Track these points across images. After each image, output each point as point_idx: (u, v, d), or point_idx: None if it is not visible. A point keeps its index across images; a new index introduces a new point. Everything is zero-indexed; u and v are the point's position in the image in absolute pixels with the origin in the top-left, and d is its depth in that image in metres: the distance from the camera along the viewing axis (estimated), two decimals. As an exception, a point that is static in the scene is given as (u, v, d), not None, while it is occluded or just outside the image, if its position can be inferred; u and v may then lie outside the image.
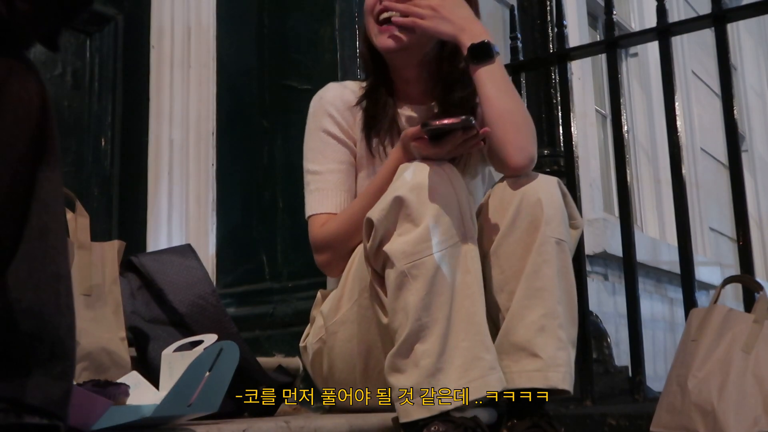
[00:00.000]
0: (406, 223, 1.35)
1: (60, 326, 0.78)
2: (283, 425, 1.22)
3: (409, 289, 1.33)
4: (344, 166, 1.62)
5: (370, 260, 1.40)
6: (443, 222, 1.34)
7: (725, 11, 1.95)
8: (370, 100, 1.64)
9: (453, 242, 1.35)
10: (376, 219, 1.36)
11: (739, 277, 1.77)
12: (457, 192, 1.37)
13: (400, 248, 1.34)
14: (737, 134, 1.92)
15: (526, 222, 1.42)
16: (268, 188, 2.20)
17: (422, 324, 1.32)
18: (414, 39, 1.57)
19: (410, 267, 1.33)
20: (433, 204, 1.34)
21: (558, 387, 1.38)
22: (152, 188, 2.41)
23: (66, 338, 0.79)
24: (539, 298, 1.40)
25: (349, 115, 1.65)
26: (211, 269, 2.28)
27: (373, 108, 1.63)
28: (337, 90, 1.68)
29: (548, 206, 1.42)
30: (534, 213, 1.42)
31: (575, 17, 3.36)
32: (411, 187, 1.35)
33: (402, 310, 1.33)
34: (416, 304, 1.32)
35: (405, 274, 1.33)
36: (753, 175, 5.46)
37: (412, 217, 1.34)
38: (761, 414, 1.43)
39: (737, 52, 5.59)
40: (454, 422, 1.29)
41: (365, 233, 1.39)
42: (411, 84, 1.66)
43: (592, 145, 3.48)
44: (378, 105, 1.63)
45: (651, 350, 3.28)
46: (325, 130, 1.63)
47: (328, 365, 1.58)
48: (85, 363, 1.38)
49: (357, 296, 1.50)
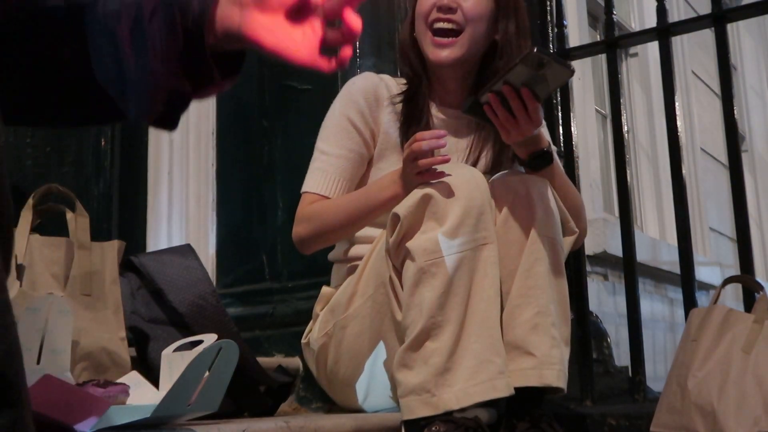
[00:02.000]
0: (430, 221, 1.36)
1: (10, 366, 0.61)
2: (283, 425, 1.22)
3: (426, 285, 1.33)
4: (353, 155, 1.62)
5: (391, 254, 1.41)
6: (467, 224, 1.35)
7: (725, 11, 1.95)
8: (409, 102, 1.64)
9: (474, 245, 1.36)
10: (402, 214, 1.37)
11: (739, 277, 1.77)
12: (483, 196, 1.38)
13: (422, 245, 1.35)
14: (737, 134, 1.92)
15: (519, 222, 1.43)
16: (268, 188, 2.19)
17: (435, 322, 1.32)
18: (468, 53, 1.58)
19: (430, 264, 1.33)
20: (459, 205, 1.35)
21: (553, 384, 1.38)
22: (152, 188, 2.41)
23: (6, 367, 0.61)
24: (532, 297, 1.41)
25: (376, 108, 1.64)
26: (211, 269, 2.28)
27: (410, 110, 1.63)
28: (372, 81, 1.67)
29: (540, 206, 1.43)
30: (526, 213, 1.43)
31: (575, 17, 3.36)
32: (440, 187, 1.36)
33: (417, 306, 1.34)
34: (432, 302, 1.32)
35: (424, 271, 1.34)
36: (753, 175, 5.46)
37: (438, 215, 1.35)
38: (761, 414, 1.43)
39: (737, 52, 5.59)
40: (455, 422, 1.29)
41: (389, 227, 1.40)
42: (450, 89, 1.66)
43: (592, 145, 3.48)
44: (416, 108, 1.63)
45: (651, 350, 3.28)
46: (347, 116, 1.63)
47: (333, 360, 1.59)
48: (85, 363, 1.38)
49: (372, 291, 1.51)
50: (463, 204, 1.35)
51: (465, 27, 1.57)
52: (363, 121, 1.63)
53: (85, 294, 1.43)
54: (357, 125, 1.63)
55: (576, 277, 2.03)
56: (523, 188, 1.44)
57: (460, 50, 1.57)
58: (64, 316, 1.23)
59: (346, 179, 1.61)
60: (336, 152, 1.62)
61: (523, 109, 1.41)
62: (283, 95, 2.26)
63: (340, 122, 1.63)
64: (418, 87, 1.64)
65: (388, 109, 1.64)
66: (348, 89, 1.66)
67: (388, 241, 1.41)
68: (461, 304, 1.33)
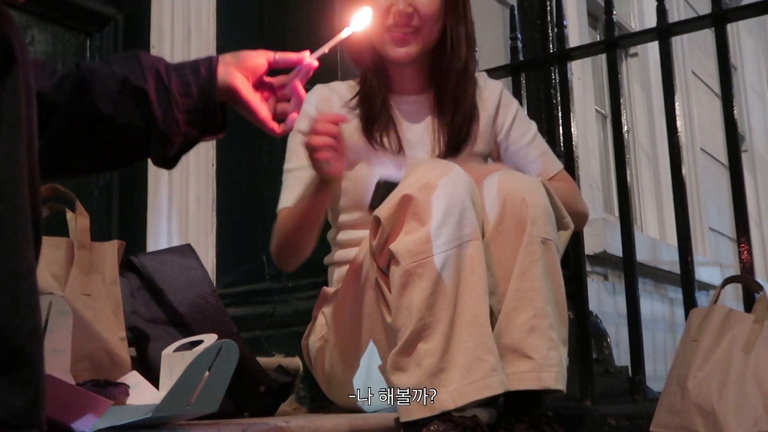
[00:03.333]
0: (412, 222, 1.35)
1: (20, 331, 0.70)
2: (283, 425, 1.22)
3: (413, 288, 1.33)
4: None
5: (376, 258, 1.41)
6: (450, 222, 1.34)
7: (725, 11, 1.95)
8: (366, 100, 1.70)
9: (459, 243, 1.34)
10: (383, 217, 1.37)
11: (739, 277, 1.78)
12: (465, 193, 1.37)
13: (405, 247, 1.34)
14: (737, 134, 1.92)
15: (512, 223, 1.42)
16: (268, 188, 2.19)
17: (426, 323, 1.32)
18: (424, 48, 1.67)
19: (415, 266, 1.33)
20: (440, 204, 1.34)
21: (551, 387, 1.38)
22: (152, 188, 2.40)
23: (28, 343, 0.70)
24: (528, 299, 1.40)
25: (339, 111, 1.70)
26: (211, 269, 2.28)
27: (369, 109, 1.69)
28: (321, 92, 1.75)
29: (533, 206, 1.42)
30: (519, 213, 1.42)
31: (575, 17, 3.36)
32: (419, 186, 1.35)
33: (406, 309, 1.33)
34: (420, 304, 1.32)
35: (410, 273, 1.33)
36: (753, 175, 5.46)
37: (419, 216, 1.34)
38: (761, 414, 1.43)
39: (737, 52, 5.59)
40: (454, 422, 1.29)
41: (372, 231, 1.40)
42: (407, 78, 1.73)
43: (592, 145, 3.48)
44: (374, 105, 1.69)
45: (651, 350, 3.28)
46: (300, 130, 1.66)
47: (330, 363, 1.59)
48: (85, 363, 1.38)
49: (362, 295, 1.50)
50: (444, 202, 1.34)
51: (422, 27, 1.65)
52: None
53: (85, 294, 1.42)
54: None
55: (576, 277, 2.02)
56: (515, 189, 1.44)
57: (416, 47, 1.66)
58: (64, 316, 1.23)
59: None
60: (297, 165, 1.68)
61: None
62: (283, 95, 2.25)
63: (296, 137, 1.70)
64: (372, 83, 1.70)
65: (348, 114, 1.70)
66: (309, 99, 1.71)
67: (371, 245, 1.40)
68: (450, 303, 1.33)
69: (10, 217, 0.70)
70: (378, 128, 1.68)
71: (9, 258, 0.70)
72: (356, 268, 1.52)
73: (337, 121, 1.48)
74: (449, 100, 1.70)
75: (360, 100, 1.71)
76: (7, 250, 0.70)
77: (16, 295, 0.70)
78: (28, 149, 0.74)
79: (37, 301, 0.72)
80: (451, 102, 1.70)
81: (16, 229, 0.71)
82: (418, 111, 1.75)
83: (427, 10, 1.64)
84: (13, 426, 0.69)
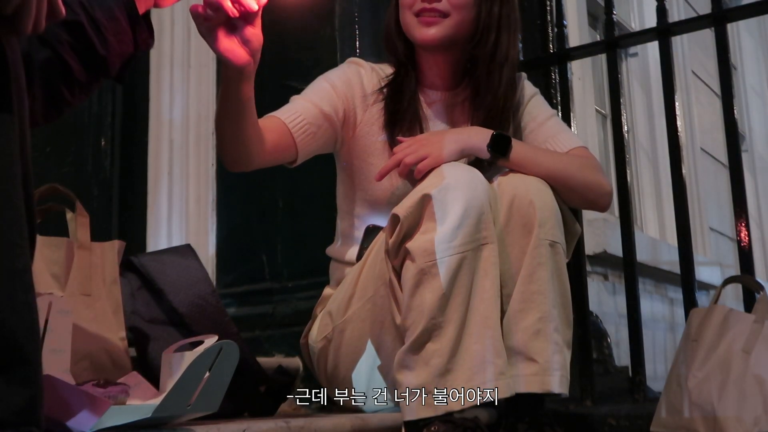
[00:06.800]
0: (430, 222, 1.35)
1: (17, 329, 0.69)
2: (283, 425, 1.22)
3: (426, 287, 1.33)
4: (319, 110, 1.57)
5: (391, 256, 1.40)
6: (467, 224, 1.35)
7: (725, 11, 1.95)
8: (394, 95, 1.62)
9: (474, 245, 1.35)
10: (402, 214, 1.37)
11: (739, 277, 1.77)
12: (483, 196, 1.38)
13: (421, 246, 1.34)
14: (737, 134, 1.92)
15: (520, 225, 1.42)
16: (268, 188, 2.19)
17: (436, 323, 1.32)
18: (455, 35, 1.57)
19: (430, 265, 1.33)
20: (459, 205, 1.34)
21: (554, 391, 1.38)
22: (152, 188, 2.41)
23: (25, 341, 0.70)
24: (534, 302, 1.40)
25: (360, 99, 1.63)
26: (211, 269, 2.28)
27: (396, 104, 1.61)
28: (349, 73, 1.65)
29: (541, 208, 1.42)
30: (527, 215, 1.42)
31: (575, 17, 3.36)
32: (440, 188, 1.36)
33: (417, 308, 1.34)
34: (432, 303, 1.32)
35: (424, 272, 1.33)
36: (753, 175, 5.46)
37: (437, 216, 1.35)
38: (761, 414, 1.43)
39: (737, 52, 5.59)
40: (455, 422, 1.29)
41: (389, 228, 1.40)
42: (438, 68, 1.65)
43: (592, 145, 3.48)
44: (402, 101, 1.61)
45: (651, 350, 3.27)
46: (329, 80, 1.62)
47: (333, 364, 1.58)
48: (85, 363, 1.38)
49: (372, 294, 1.50)
50: (463, 204, 1.35)
51: (451, 13, 1.56)
52: (338, 95, 1.61)
53: (85, 294, 1.42)
54: (337, 87, 1.61)
55: (576, 277, 2.02)
56: (523, 191, 1.44)
57: (446, 30, 1.56)
58: (64, 316, 1.23)
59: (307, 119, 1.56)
60: (306, 98, 1.59)
61: None
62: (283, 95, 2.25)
63: (319, 82, 1.63)
64: (405, 75, 1.63)
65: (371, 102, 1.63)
66: (342, 66, 1.67)
67: (387, 242, 1.40)
68: (462, 305, 1.33)
69: (5, 215, 0.70)
70: (401, 127, 1.60)
71: (4, 255, 0.69)
72: (367, 267, 1.52)
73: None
74: (482, 95, 1.59)
75: (387, 93, 1.63)
76: (2, 247, 0.70)
77: (13, 293, 0.69)
78: (21, 146, 0.74)
79: (33, 299, 0.72)
80: (485, 98, 1.58)
81: (11, 227, 0.70)
82: (449, 109, 1.67)
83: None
84: (11, 423, 0.68)
